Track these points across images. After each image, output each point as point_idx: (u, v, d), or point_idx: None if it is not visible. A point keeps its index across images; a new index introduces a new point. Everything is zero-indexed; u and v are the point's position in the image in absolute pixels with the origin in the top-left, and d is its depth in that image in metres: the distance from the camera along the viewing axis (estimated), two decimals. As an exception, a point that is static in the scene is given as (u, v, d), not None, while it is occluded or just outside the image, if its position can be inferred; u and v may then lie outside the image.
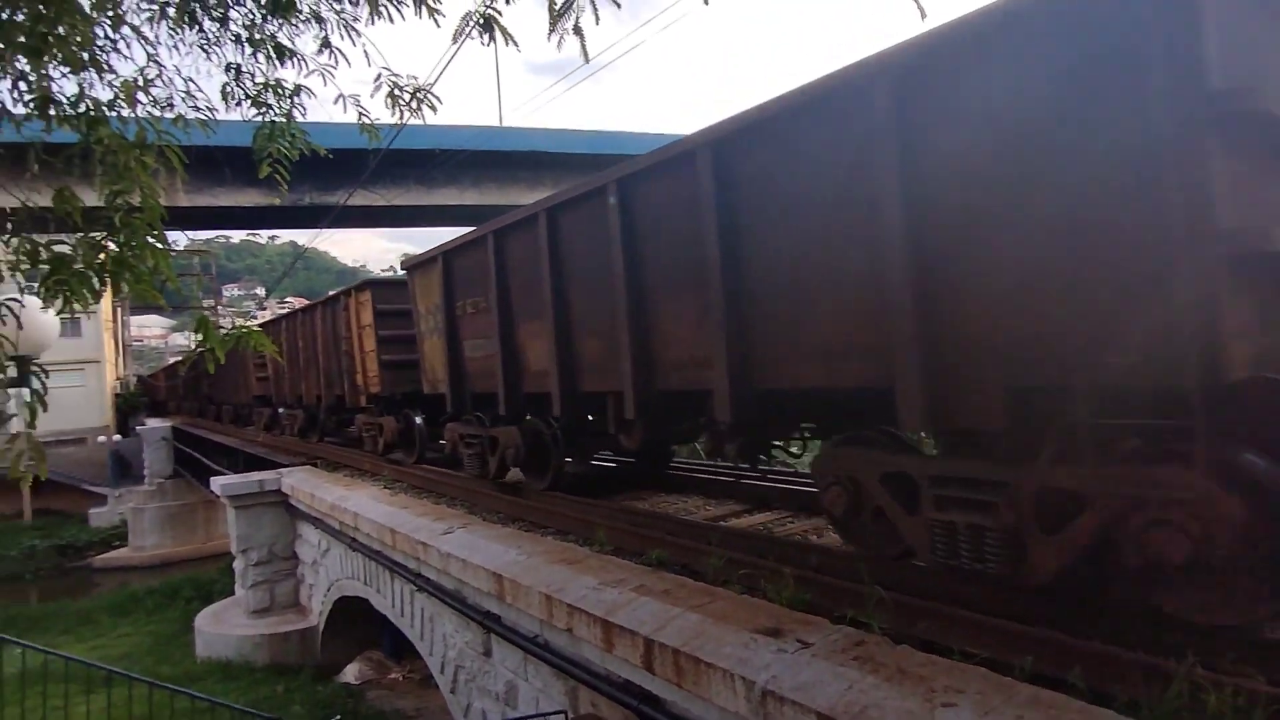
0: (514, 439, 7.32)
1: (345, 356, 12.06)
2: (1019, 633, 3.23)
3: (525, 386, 6.88)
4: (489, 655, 5.96)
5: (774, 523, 6.12)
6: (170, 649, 13.95)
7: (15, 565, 27.20)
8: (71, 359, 35.82)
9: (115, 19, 3.09)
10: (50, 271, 2.68)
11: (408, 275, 9.05)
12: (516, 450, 7.35)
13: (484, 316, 7.21)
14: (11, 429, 2.86)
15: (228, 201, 22.00)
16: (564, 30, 2.82)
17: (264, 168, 3.70)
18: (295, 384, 15.32)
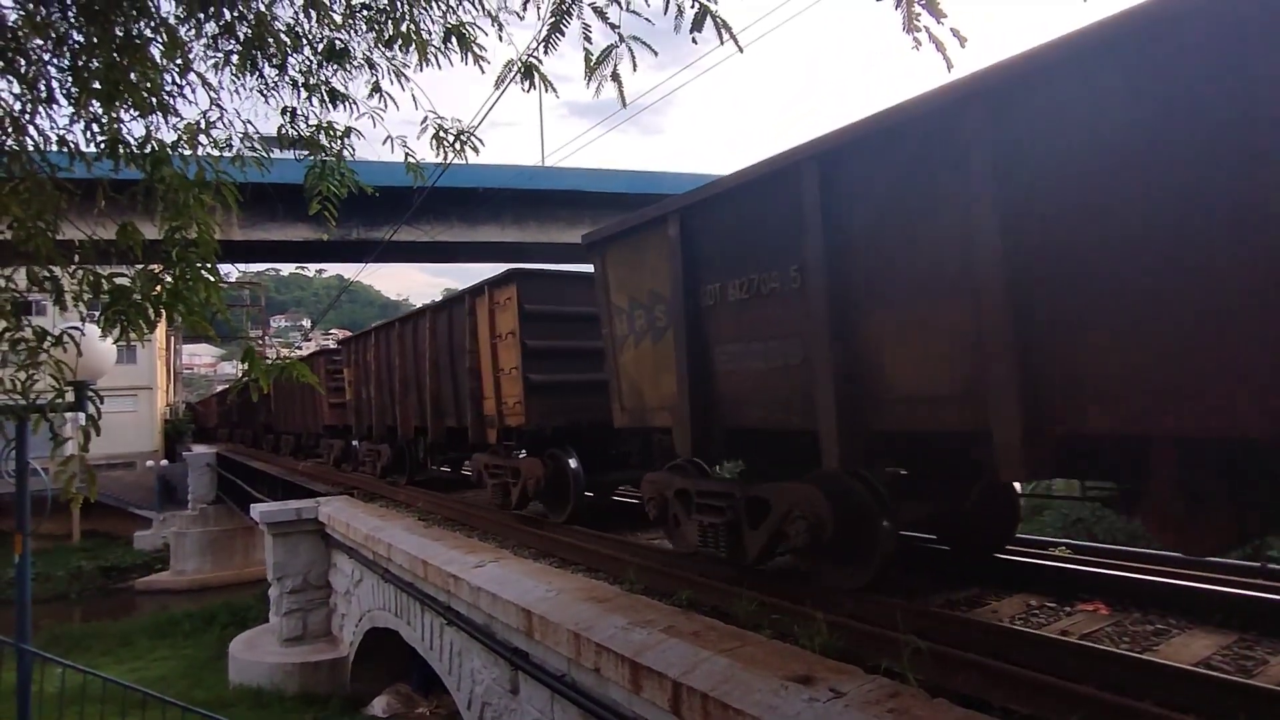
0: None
1: (469, 376, 8.94)
2: (1064, 690, 3.10)
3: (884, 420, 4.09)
4: (516, 693, 5.90)
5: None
6: (204, 674, 14.11)
7: (61, 585, 27.95)
8: (125, 385, 37.17)
9: (183, 66, 3.28)
10: (110, 302, 2.82)
11: (593, 255, 6.34)
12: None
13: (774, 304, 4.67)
14: (65, 451, 2.97)
15: (279, 236, 22.77)
16: (602, 77, 2.90)
17: (314, 205, 3.85)
18: (384, 412, 12.62)
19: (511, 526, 8.06)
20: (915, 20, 2.57)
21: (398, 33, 3.42)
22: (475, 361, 8.86)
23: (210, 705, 9.41)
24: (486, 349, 8.55)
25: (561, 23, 2.85)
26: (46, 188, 2.88)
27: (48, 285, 2.85)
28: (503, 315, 8.19)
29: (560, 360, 7.92)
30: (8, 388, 2.79)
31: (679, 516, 5.71)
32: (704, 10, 2.61)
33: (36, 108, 2.94)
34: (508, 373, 8.09)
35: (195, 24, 3.32)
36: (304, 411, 19.01)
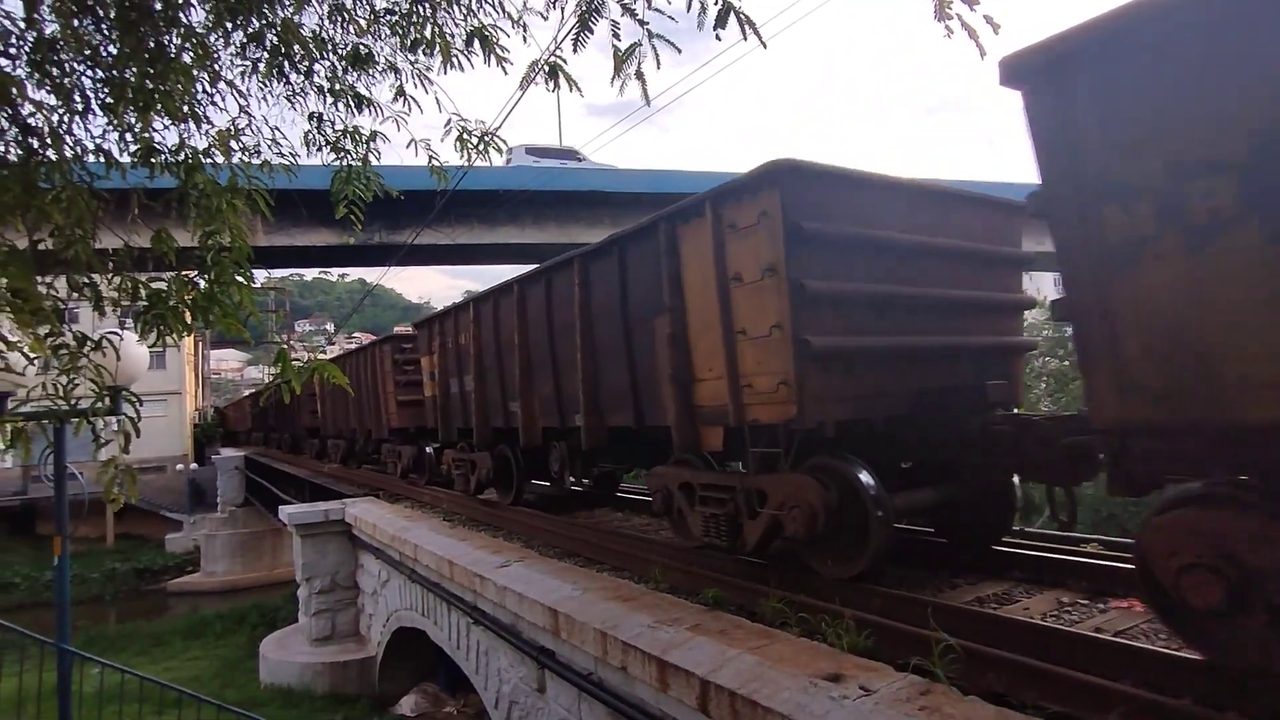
0: None
1: (668, 347, 5.78)
2: (1099, 687, 3.06)
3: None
4: (543, 692, 5.93)
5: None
6: (236, 673, 14.33)
7: (97, 587, 28.55)
8: (156, 390, 37.88)
9: (213, 75, 3.35)
10: (147, 307, 2.89)
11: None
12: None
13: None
14: (103, 455, 3.04)
15: (303, 241, 23.11)
16: (627, 75, 2.91)
17: (340, 209, 3.91)
18: (491, 410, 9.29)
19: (536, 526, 8.10)
20: (947, 8, 2.54)
21: (421, 37, 3.46)
22: (679, 323, 5.60)
23: (242, 704, 9.57)
24: (706, 301, 5.31)
25: (590, 21, 2.86)
26: (85, 196, 2.95)
27: (87, 292, 2.92)
28: (746, 243, 4.94)
29: (862, 314, 4.92)
30: (49, 392, 2.86)
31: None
32: (728, 6, 2.60)
33: (73, 118, 3.02)
34: (756, 337, 4.93)
35: (224, 32, 3.39)
36: (361, 412, 15.55)
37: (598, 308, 6.78)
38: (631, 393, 6.36)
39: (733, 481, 5.41)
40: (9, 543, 33.09)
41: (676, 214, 5.58)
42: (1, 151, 2.87)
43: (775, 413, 4.82)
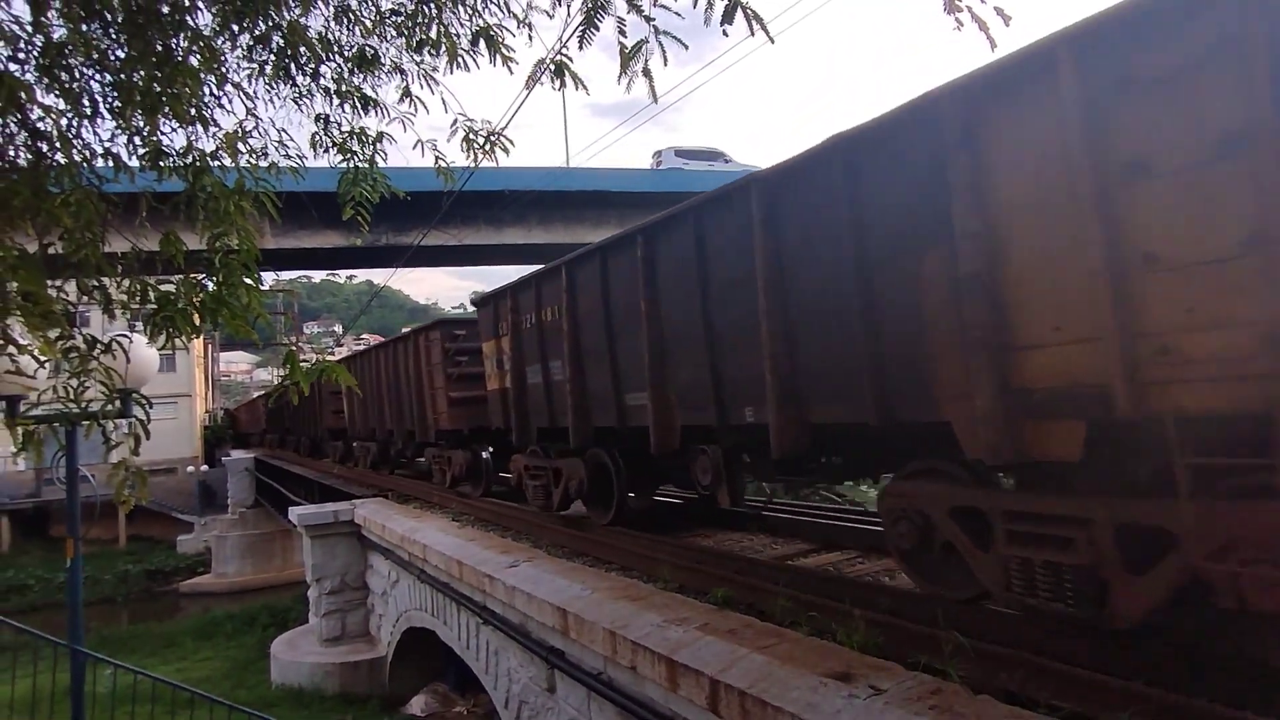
0: None
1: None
2: (1113, 686, 3.03)
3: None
4: (553, 691, 5.93)
5: (843, 563, 5.95)
6: (247, 674, 14.40)
7: (109, 588, 28.76)
8: (165, 392, 38.10)
9: (220, 77, 3.36)
10: (156, 310, 2.90)
11: None
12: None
13: None
14: (114, 458, 3.06)
15: (310, 243, 23.23)
16: (633, 73, 2.90)
17: (347, 210, 3.92)
18: (596, 403, 7.22)
19: (545, 526, 8.10)
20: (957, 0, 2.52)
21: (426, 37, 3.46)
22: (984, 257, 3.48)
23: (253, 705, 9.62)
24: (1053, 215, 3.26)
25: (595, 17, 2.85)
26: (94, 200, 2.97)
27: (97, 295, 2.94)
28: (1163, 99, 2.86)
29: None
30: (60, 395, 2.88)
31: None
32: (735, 2, 2.59)
33: (82, 122, 3.04)
34: (1188, 265, 2.83)
35: (230, 35, 3.40)
36: (400, 411, 13.54)
37: (794, 249, 4.70)
38: (870, 373, 4.16)
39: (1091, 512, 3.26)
40: (22, 545, 33.37)
41: (977, 86, 3.47)
42: (11, 156, 2.89)
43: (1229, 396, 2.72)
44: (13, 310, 2.70)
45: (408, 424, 13.15)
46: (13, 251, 2.70)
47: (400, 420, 13.66)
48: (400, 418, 13.64)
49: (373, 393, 14.95)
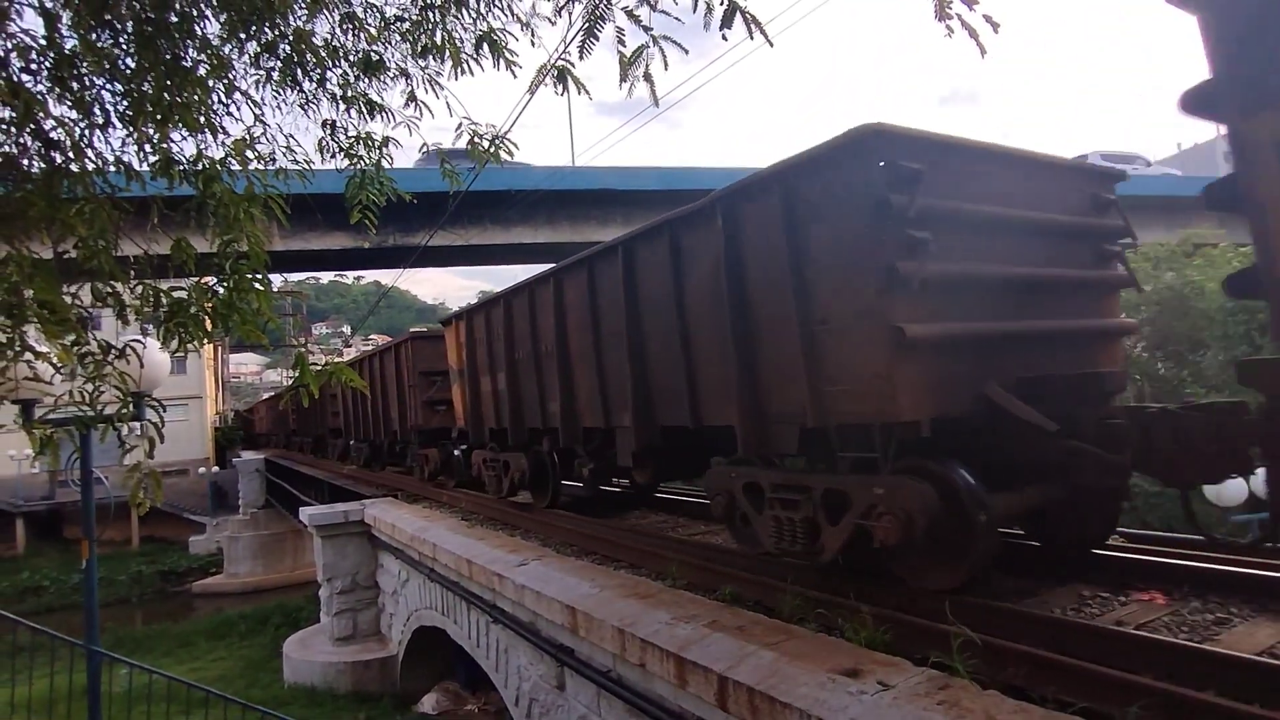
0: None
1: None
2: (1120, 681, 3.04)
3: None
4: (563, 689, 5.97)
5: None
6: (260, 673, 14.52)
7: (123, 589, 29.02)
8: (177, 395, 38.40)
9: (228, 85, 3.40)
10: (169, 315, 2.95)
11: None
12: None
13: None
14: (128, 460, 3.11)
15: (319, 245, 23.34)
16: (634, 77, 2.93)
17: (354, 214, 3.96)
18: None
19: (553, 524, 8.15)
20: (947, 8, 2.54)
21: (431, 43, 3.49)
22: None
23: (266, 703, 9.71)
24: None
25: (595, 27, 2.88)
26: (106, 207, 3.02)
27: (110, 301, 2.99)
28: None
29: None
30: (76, 399, 2.93)
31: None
32: (733, 6, 2.61)
33: (94, 131, 3.08)
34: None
35: (238, 43, 3.44)
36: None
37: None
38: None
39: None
40: (37, 547, 33.69)
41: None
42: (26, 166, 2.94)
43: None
44: (29, 317, 2.75)
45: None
46: (28, 260, 2.75)
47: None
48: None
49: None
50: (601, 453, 7.40)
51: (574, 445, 7.68)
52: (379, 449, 16.62)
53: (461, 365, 10.30)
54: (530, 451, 8.91)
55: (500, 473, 9.70)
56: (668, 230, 5.77)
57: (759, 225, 4.76)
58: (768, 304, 4.76)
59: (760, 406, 4.92)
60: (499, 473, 9.75)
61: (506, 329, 8.74)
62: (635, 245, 6.29)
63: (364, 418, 16.98)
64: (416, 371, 13.03)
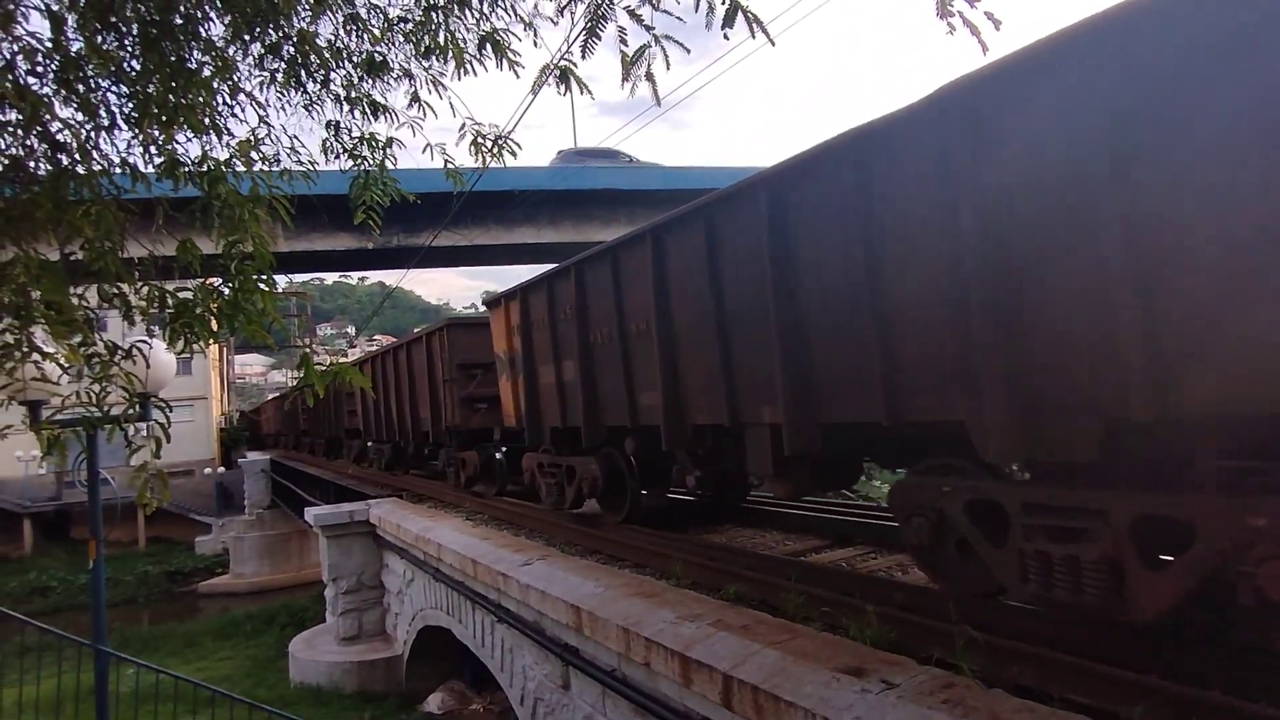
0: None
1: None
2: (1125, 680, 3.04)
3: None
4: (568, 688, 5.98)
5: (856, 559, 5.95)
6: (266, 673, 14.57)
7: (130, 589, 29.16)
8: (183, 395, 38.55)
9: (232, 87, 3.42)
10: (174, 315, 2.97)
11: None
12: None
13: None
14: (135, 461, 3.12)
15: (323, 246, 23.41)
16: (636, 77, 2.94)
17: (358, 214, 3.97)
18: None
19: (558, 524, 8.16)
20: (948, 5, 2.53)
21: (434, 43, 3.50)
22: None
23: (272, 703, 9.74)
24: None
25: (597, 27, 2.88)
26: (112, 209, 3.03)
27: (116, 302, 3.01)
28: None
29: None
30: (83, 400, 2.95)
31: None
32: (735, 6, 2.61)
33: (100, 133, 3.10)
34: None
35: (242, 45, 3.45)
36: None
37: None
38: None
39: None
40: (45, 547, 33.88)
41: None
42: (32, 168, 2.96)
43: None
44: (37, 318, 2.77)
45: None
46: (35, 261, 2.77)
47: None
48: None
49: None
50: (713, 458, 6.26)
51: (676, 448, 6.26)
52: (402, 451, 15.48)
53: (514, 353, 8.74)
54: (601, 455, 7.56)
55: (562, 480, 8.34)
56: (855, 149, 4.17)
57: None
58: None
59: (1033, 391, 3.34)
60: (560, 480, 8.38)
61: (579, 306, 7.26)
62: (785, 180, 4.69)
63: (387, 417, 15.48)
64: (454, 365, 11.44)
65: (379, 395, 15.38)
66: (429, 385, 12.42)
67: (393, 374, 14.55)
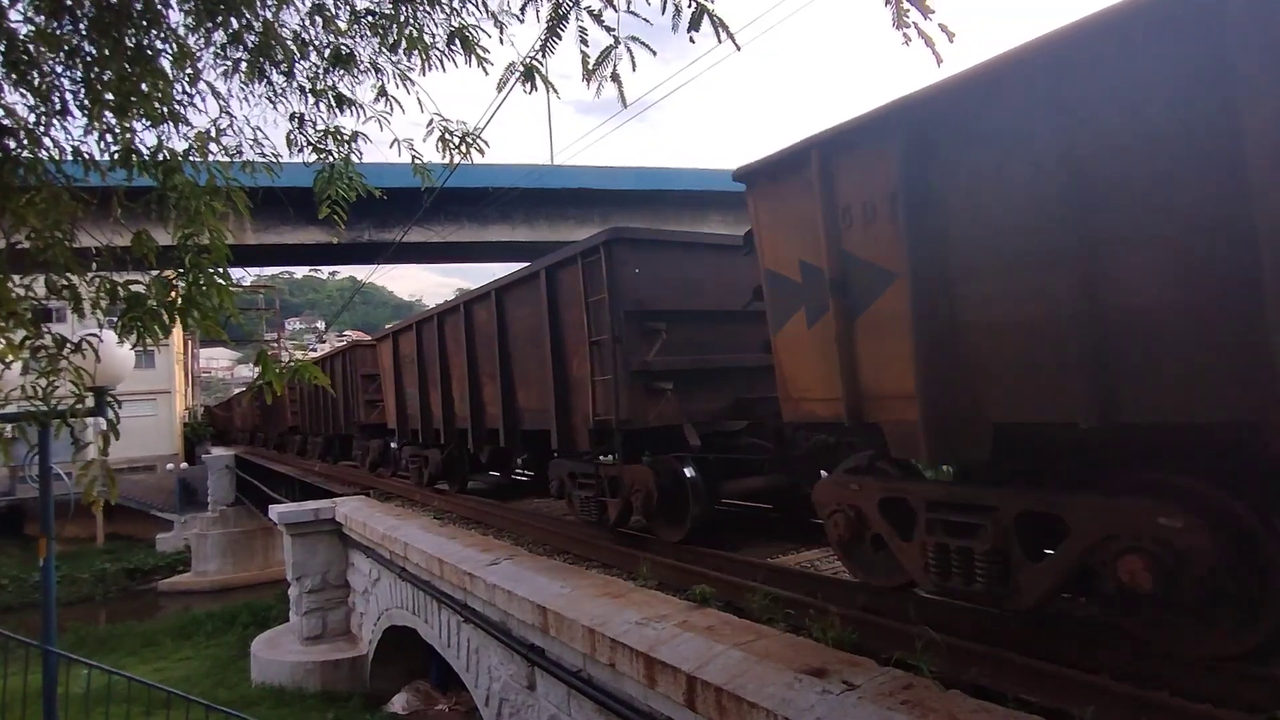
0: None
1: None
2: (1078, 680, 3.10)
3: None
4: (533, 689, 5.95)
5: (821, 560, 5.99)
6: (227, 673, 14.29)
7: (86, 588, 28.39)
8: (144, 390, 37.65)
9: (192, 76, 3.33)
10: (126, 309, 2.88)
11: None
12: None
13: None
14: (87, 456, 3.03)
15: (291, 239, 22.98)
16: (602, 78, 2.92)
17: (323, 209, 3.90)
18: None
19: (525, 524, 8.11)
20: (904, 16, 2.57)
21: (402, 36, 3.45)
22: None
23: (234, 704, 9.56)
24: None
25: (558, 27, 2.86)
26: (63, 198, 2.94)
27: (66, 293, 2.91)
28: None
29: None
30: (30, 394, 2.85)
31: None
32: (701, 9, 2.61)
33: (51, 119, 3.00)
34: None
35: (204, 33, 3.37)
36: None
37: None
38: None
39: None
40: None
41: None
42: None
43: None
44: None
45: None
46: (-22, 250, 2.67)
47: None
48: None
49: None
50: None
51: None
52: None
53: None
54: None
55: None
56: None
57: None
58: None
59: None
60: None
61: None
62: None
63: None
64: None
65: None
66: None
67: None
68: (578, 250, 6.61)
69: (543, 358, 7.27)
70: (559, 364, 7.13)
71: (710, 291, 6.42)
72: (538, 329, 7.34)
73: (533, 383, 7.74)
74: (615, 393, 6.14)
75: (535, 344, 7.47)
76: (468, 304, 9.00)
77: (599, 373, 6.39)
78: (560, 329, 7.08)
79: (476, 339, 8.86)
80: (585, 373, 6.57)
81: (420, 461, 11.73)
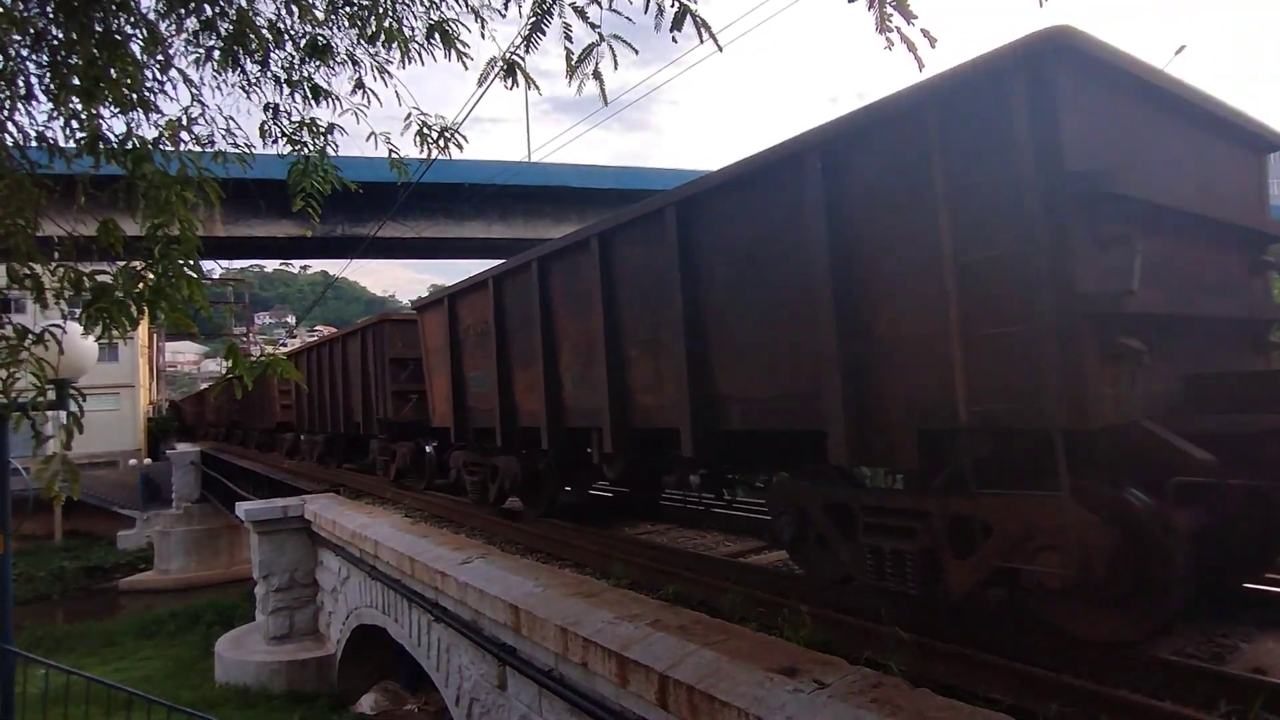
0: None
1: None
2: (1042, 678, 3.16)
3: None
4: (504, 688, 5.92)
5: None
6: (190, 673, 14.02)
7: (44, 586, 27.65)
8: (107, 383, 36.76)
9: (163, 63, 3.26)
10: (92, 300, 2.81)
11: None
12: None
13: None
14: (47, 450, 2.96)
15: (263, 232, 22.62)
16: (583, 75, 2.92)
17: (297, 201, 3.84)
18: None
19: (497, 522, 8.06)
20: (887, 21, 2.60)
21: (380, 28, 3.41)
22: None
23: (196, 705, 9.37)
24: None
25: (542, 22, 2.85)
26: (26, 185, 2.86)
27: (28, 283, 2.83)
28: None
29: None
30: (-13, 386, 2.77)
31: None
32: (684, 9, 2.62)
33: (15, 104, 2.92)
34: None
35: (176, 20, 3.30)
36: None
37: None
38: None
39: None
40: (-50, 541, 31.84)
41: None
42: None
43: None
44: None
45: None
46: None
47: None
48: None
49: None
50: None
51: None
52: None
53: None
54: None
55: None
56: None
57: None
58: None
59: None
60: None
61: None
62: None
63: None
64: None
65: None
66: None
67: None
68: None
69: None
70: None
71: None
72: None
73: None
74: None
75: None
76: (606, 235, 5.80)
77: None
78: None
79: (621, 289, 5.71)
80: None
81: (484, 473, 8.59)
